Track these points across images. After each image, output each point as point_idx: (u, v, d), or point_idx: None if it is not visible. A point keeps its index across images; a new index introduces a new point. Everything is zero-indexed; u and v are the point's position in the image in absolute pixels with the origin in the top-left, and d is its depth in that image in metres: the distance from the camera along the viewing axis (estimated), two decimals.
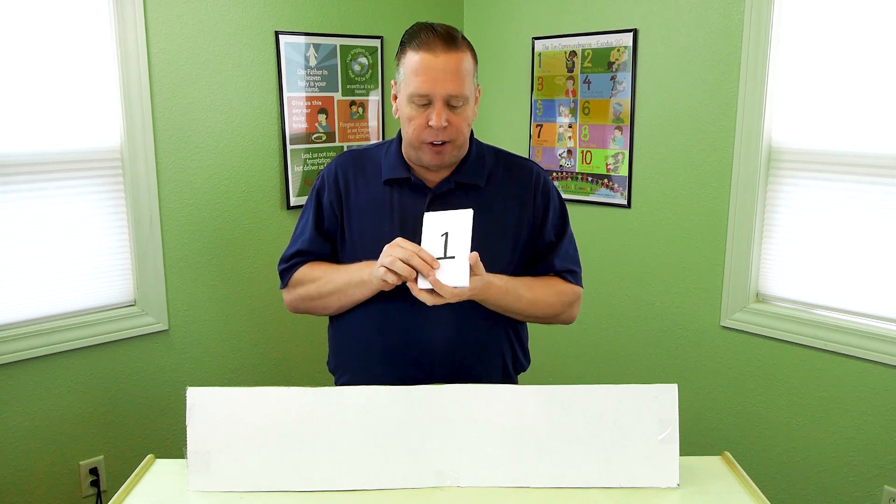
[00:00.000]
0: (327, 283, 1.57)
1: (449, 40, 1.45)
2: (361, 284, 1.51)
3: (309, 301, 1.61)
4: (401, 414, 1.35)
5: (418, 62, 1.44)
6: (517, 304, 1.55)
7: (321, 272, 1.59)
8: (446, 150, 1.50)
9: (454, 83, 1.44)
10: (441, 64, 1.43)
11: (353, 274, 1.53)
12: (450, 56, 1.44)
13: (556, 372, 3.08)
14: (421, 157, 1.52)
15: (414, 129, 1.48)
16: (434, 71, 1.43)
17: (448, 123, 1.46)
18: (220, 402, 1.35)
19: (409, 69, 1.46)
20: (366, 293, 1.52)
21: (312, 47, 2.83)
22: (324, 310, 1.62)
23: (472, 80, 1.50)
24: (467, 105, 1.49)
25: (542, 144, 3.06)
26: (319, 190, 1.64)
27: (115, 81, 2.40)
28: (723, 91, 2.50)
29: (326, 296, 1.57)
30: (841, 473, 2.37)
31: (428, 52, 1.44)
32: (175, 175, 2.57)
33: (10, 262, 2.28)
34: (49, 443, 2.41)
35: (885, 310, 2.26)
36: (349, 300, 1.56)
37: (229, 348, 2.79)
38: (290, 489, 1.33)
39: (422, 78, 1.44)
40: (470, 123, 1.53)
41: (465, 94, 1.46)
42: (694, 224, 2.64)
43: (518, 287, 1.54)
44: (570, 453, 1.35)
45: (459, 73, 1.45)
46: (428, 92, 1.44)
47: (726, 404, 2.63)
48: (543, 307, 1.59)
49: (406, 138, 1.53)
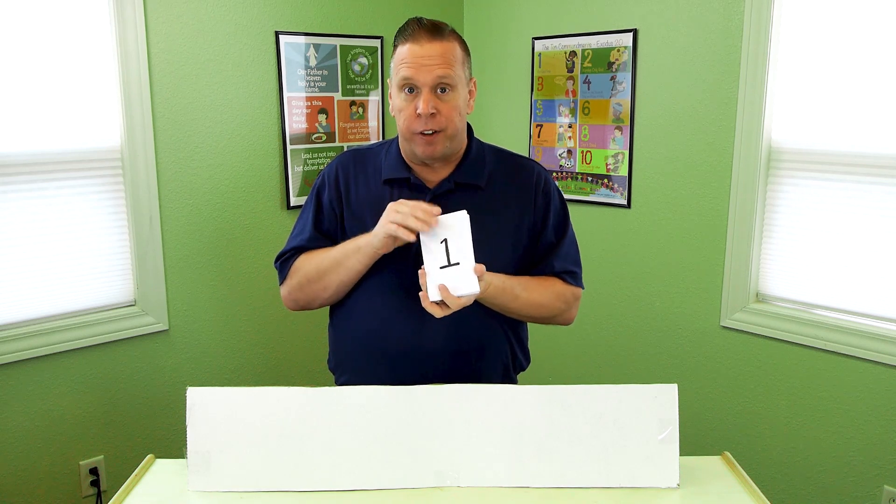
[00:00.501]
0: (323, 260, 1.57)
1: (434, 31, 1.48)
2: (358, 251, 1.51)
3: (307, 285, 1.59)
4: (401, 414, 1.35)
5: (405, 52, 1.48)
6: (513, 303, 1.55)
7: (316, 255, 1.60)
8: (437, 140, 1.49)
9: (440, 67, 1.46)
10: (426, 51, 1.46)
11: (346, 245, 1.54)
12: (434, 44, 1.47)
13: (556, 372, 3.08)
14: (414, 150, 1.52)
15: (404, 119, 1.49)
16: (419, 58, 1.46)
17: (436, 111, 1.46)
18: (220, 402, 1.35)
19: (398, 61, 1.49)
20: (364, 260, 1.51)
21: (312, 47, 2.83)
22: (324, 291, 1.59)
23: (462, 69, 1.51)
24: (455, 92, 1.49)
25: (542, 144, 3.06)
26: (320, 189, 1.65)
27: (115, 81, 2.40)
28: (723, 91, 2.50)
29: (324, 273, 1.56)
30: (841, 473, 2.37)
31: (413, 43, 1.47)
32: (175, 175, 2.57)
33: (10, 262, 2.28)
34: (49, 443, 2.41)
35: (885, 310, 2.26)
36: (347, 274, 1.54)
37: (229, 348, 2.79)
38: (290, 489, 1.33)
39: (407, 64, 1.47)
40: (462, 114, 1.53)
41: (453, 78, 1.47)
42: (694, 224, 2.64)
43: (515, 286, 1.54)
44: (570, 453, 1.35)
45: (445, 57, 1.47)
46: (412, 76, 1.46)
47: (726, 404, 2.63)
48: (540, 308, 1.59)
49: (399, 131, 1.54)
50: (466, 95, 1.54)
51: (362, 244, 1.50)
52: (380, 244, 1.46)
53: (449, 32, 1.50)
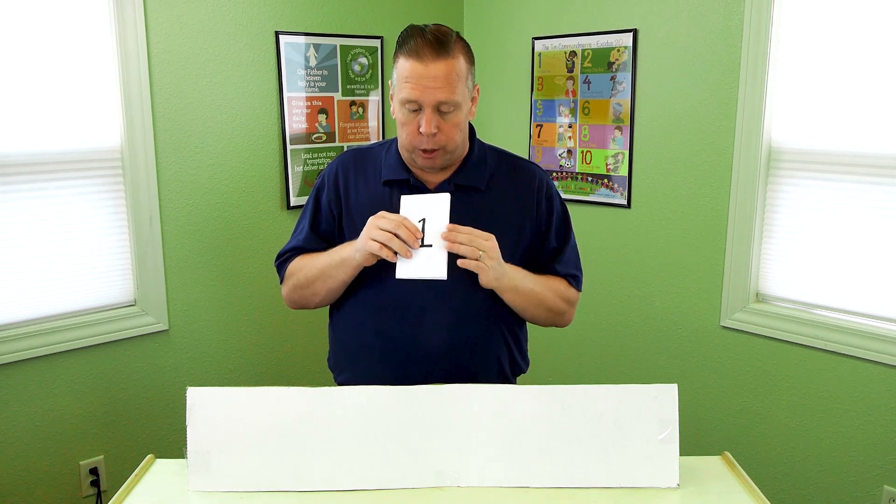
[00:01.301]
0: (311, 269, 1.58)
1: (438, 46, 1.42)
2: (342, 264, 1.52)
3: (299, 290, 1.62)
4: (401, 414, 1.35)
5: (408, 69, 1.44)
6: (524, 298, 1.55)
7: (306, 260, 1.61)
8: (437, 156, 1.50)
9: (443, 91, 1.43)
10: (430, 72, 1.42)
11: (332, 255, 1.55)
12: (439, 63, 1.42)
13: (556, 372, 3.08)
14: (414, 161, 1.54)
15: (406, 134, 1.50)
16: (423, 79, 1.43)
17: (438, 130, 1.46)
18: (220, 402, 1.35)
19: (401, 76, 1.47)
20: (348, 272, 1.52)
21: (312, 47, 2.83)
22: (313, 296, 1.61)
23: (465, 85, 1.49)
24: (458, 111, 1.48)
25: (542, 144, 3.06)
26: (319, 189, 1.65)
27: (115, 81, 2.40)
28: (723, 91, 2.50)
29: (312, 281, 1.58)
30: (841, 473, 2.37)
31: (417, 60, 1.43)
32: (175, 175, 2.57)
33: (10, 262, 2.28)
34: (49, 443, 2.41)
35: (885, 310, 2.26)
36: (334, 283, 1.56)
37: (229, 348, 2.79)
38: (290, 489, 1.33)
39: (411, 85, 1.44)
40: (463, 129, 1.53)
41: (456, 100, 1.45)
42: (694, 224, 2.64)
43: (527, 280, 1.55)
44: (569, 453, 1.35)
45: (449, 79, 1.44)
46: (417, 98, 1.44)
47: (726, 404, 2.63)
48: (547, 306, 1.60)
49: (400, 142, 1.55)
50: (469, 109, 1.53)
51: (346, 256, 1.51)
52: (362, 259, 1.47)
53: (454, 44, 1.45)
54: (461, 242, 1.41)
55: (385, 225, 1.41)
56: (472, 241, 1.42)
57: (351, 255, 1.49)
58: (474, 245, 1.42)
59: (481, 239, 1.43)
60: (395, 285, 1.50)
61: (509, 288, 1.52)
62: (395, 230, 1.40)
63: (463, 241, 1.41)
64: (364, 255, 1.45)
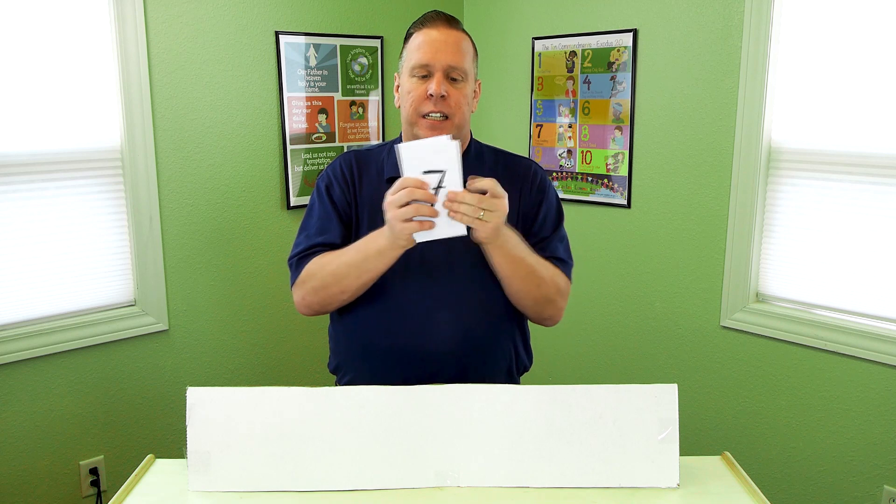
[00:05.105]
0: (339, 265, 1.49)
1: (451, 21, 1.52)
2: (380, 255, 1.43)
3: (323, 290, 1.52)
4: (401, 414, 1.35)
5: (421, 37, 1.51)
6: (519, 266, 1.48)
7: (329, 258, 1.52)
8: (444, 127, 1.47)
9: (454, 55, 1.48)
10: (443, 37, 1.49)
11: (367, 246, 1.46)
12: (451, 32, 1.50)
13: (556, 372, 3.08)
14: (418, 135, 1.48)
15: (412, 101, 1.49)
16: (435, 43, 1.48)
17: (447, 94, 1.47)
18: (220, 402, 1.35)
19: (412, 46, 1.51)
20: (387, 262, 1.44)
21: (312, 47, 2.83)
22: (341, 294, 1.51)
23: (472, 63, 1.54)
24: (466, 82, 1.51)
25: (542, 144, 3.06)
26: (328, 186, 1.60)
27: (115, 81, 2.40)
28: (723, 91, 2.50)
29: (342, 278, 1.49)
30: (841, 473, 2.37)
31: (431, 28, 1.51)
32: (175, 175, 2.57)
33: (9, 262, 2.28)
34: (49, 443, 2.41)
35: (885, 310, 2.26)
36: (370, 276, 1.47)
37: (229, 348, 2.79)
38: (290, 489, 1.33)
39: (423, 49, 1.49)
40: (470, 105, 1.53)
41: (465, 69, 1.50)
42: (694, 224, 2.64)
43: (519, 245, 1.48)
44: (569, 453, 1.35)
45: (460, 47, 1.50)
46: (428, 61, 1.48)
47: (726, 404, 2.63)
48: (536, 277, 1.51)
49: (405, 115, 1.52)
50: (473, 91, 1.55)
51: (383, 246, 1.42)
52: (406, 244, 1.39)
53: (463, 29, 1.55)
54: (464, 213, 1.33)
55: (400, 199, 1.33)
56: (479, 202, 1.32)
57: (389, 244, 1.40)
58: (482, 206, 1.33)
59: (490, 199, 1.34)
60: (401, 285, 1.49)
61: (500, 246, 1.43)
62: (410, 198, 1.32)
63: (466, 212, 1.33)
64: (406, 239, 1.37)
